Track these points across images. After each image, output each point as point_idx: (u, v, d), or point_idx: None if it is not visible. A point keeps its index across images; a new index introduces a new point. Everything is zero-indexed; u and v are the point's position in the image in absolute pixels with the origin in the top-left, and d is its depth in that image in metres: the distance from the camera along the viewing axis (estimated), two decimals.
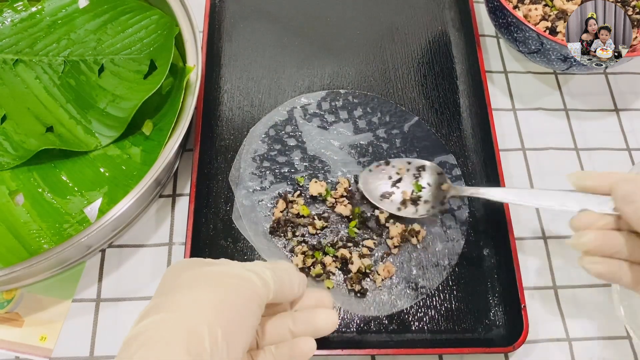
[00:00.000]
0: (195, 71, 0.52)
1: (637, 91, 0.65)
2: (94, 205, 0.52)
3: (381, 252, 0.52)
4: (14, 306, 0.49)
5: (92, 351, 0.48)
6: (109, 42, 0.59)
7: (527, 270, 0.53)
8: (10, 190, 0.53)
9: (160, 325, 0.33)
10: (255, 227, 0.52)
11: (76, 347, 0.48)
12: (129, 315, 0.49)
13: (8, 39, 0.59)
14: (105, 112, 0.55)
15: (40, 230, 0.50)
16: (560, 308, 0.52)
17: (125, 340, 0.33)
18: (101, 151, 0.54)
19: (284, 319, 0.41)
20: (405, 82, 0.62)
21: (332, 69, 0.62)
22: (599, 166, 0.60)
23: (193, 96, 0.50)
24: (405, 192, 0.53)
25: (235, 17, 0.65)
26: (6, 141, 0.54)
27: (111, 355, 0.48)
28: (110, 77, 0.57)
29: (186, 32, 0.54)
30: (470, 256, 0.52)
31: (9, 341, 0.48)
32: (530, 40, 0.56)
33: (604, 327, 0.52)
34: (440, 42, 0.64)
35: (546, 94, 0.64)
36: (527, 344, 0.49)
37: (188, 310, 0.34)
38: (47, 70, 0.58)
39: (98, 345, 0.48)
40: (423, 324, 0.50)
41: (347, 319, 0.49)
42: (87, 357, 0.48)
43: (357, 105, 0.59)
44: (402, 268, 0.51)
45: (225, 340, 0.33)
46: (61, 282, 0.50)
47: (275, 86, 0.60)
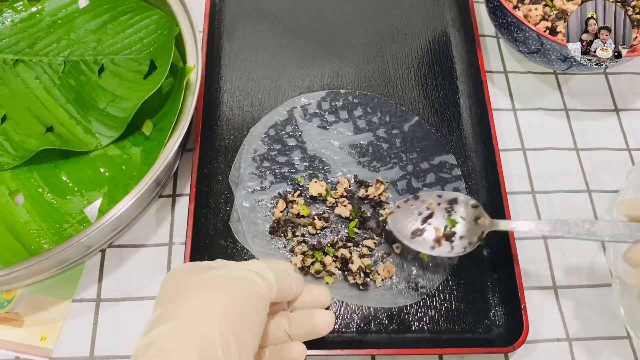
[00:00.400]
0: (195, 71, 0.52)
1: (637, 91, 0.65)
2: (94, 205, 0.52)
3: (381, 252, 0.52)
4: (14, 306, 0.49)
5: (92, 351, 0.48)
6: (109, 42, 0.59)
7: (527, 270, 0.53)
8: (10, 191, 0.52)
9: (172, 334, 0.33)
10: (255, 228, 0.52)
11: (76, 347, 0.48)
12: (129, 315, 0.49)
13: (8, 39, 0.59)
14: (105, 112, 0.55)
15: (40, 230, 0.50)
16: (560, 308, 0.52)
17: (137, 350, 0.33)
18: (101, 151, 0.54)
19: (280, 320, 0.41)
20: (405, 82, 0.62)
21: (332, 69, 0.62)
22: (599, 166, 0.60)
23: (193, 96, 0.50)
24: (437, 229, 0.50)
25: (235, 17, 0.65)
26: (6, 141, 0.54)
27: (111, 355, 0.48)
28: (110, 77, 0.57)
29: (186, 32, 0.54)
30: (470, 256, 0.52)
31: (9, 341, 0.48)
32: (530, 40, 0.56)
33: (604, 327, 0.52)
34: (440, 42, 0.64)
35: (546, 94, 0.64)
36: (527, 344, 0.49)
37: (198, 316, 0.34)
38: (47, 70, 0.58)
39: (98, 345, 0.48)
40: (423, 324, 0.50)
41: (347, 319, 0.49)
42: (87, 357, 0.48)
43: (357, 105, 0.59)
44: (402, 268, 0.51)
45: (236, 344, 0.33)
46: (61, 282, 0.50)
47: (275, 86, 0.60)
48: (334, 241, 0.52)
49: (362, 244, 0.52)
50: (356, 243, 0.52)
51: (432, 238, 0.49)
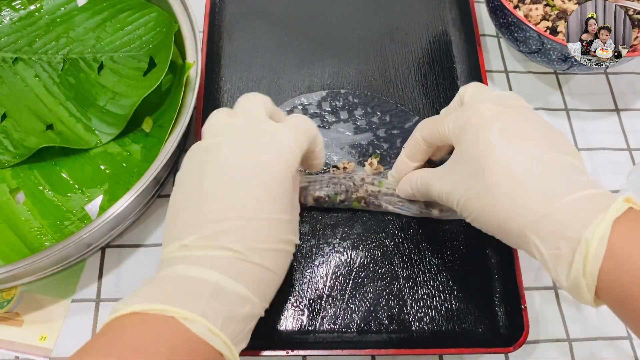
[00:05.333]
0: (194, 68, 0.52)
1: (638, 91, 0.65)
2: (94, 202, 0.52)
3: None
4: (13, 306, 0.49)
5: None
6: (108, 40, 0.59)
7: (527, 270, 0.53)
8: (11, 188, 0.52)
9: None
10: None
11: (76, 346, 0.47)
12: None
13: (7, 37, 0.59)
14: (105, 110, 0.55)
15: (42, 228, 0.50)
16: (561, 308, 0.52)
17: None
18: (101, 148, 0.54)
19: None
20: (405, 82, 0.61)
21: (332, 69, 0.62)
22: (599, 166, 0.60)
23: (193, 92, 0.50)
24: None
25: (235, 17, 0.65)
26: (6, 139, 0.54)
27: None
28: (110, 74, 0.57)
29: (185, 29, 0.54)
30: (470, 256, 0.52)
31: (9, 341, 0.48)
32: (530, 40, 0.56)
33: (604, 327, 0.52)
34: (440, 42, 0.64)
35: (547, 94, 0.64)
36: (527, 344, 0.49)
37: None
38: (47, 68, 0.58)
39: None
40: (423, 324, 0.49)
41: (347, 319, 0.49)
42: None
43: (357, 105, 0.59)
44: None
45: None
46: (61, 282, 0.50)
47: (275, 86, 0.60)
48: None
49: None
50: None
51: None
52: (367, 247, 0.52)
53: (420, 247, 0.52)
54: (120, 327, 0.33)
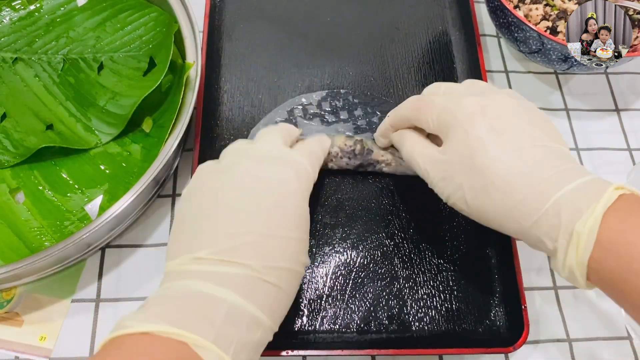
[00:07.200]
0: (194, 68, 0.52)
1: (638, 91, 0.65)
2: (94, 202, 0.52)
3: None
4: (13, 306, 0.49)
5: (92, 351, 0.48)
6: (107, 40, 0.59)
7: (527, 270, 0.53)
8: (11, 188, 0.52)
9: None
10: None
11: (76, 347, 0.48)
12: None
13: (7, 37, 0.59)
14: (105, 110, 0.55)
15: (42, 228, 0.50)
16: (561, 308, 0.53)
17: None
18: (101, 148, 0.54)
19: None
20: (405, 82, 0.61)
21: (332, 69, 0.62)
22: (599, 166, 0.60)
23: (193, 92, 0.50)
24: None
25: (235, 17, 0.64)
26: (6, 139, 0.54)
27: None
28: (110, 74, 0.57)
29: (185, 29, 0.54)
30: (470, 256, 0.52)
31: (9, 341, 0.48)
32: (531, 40, 0.56)
33: (604, 327, 0.52)
34: (440, 42, 0.64)
35: (547, 94, 0.64)
36: (527, 344, 0.49)
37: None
38: (47, 68, 0.58)
39: (98, 345, 0.48)
40: (423, 324, 0.49)
41: (347, 319, 0.49)
42: (87, 357, 0.47)
43: (357, 105, 0.59)
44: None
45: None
46: (61, 282, 0.50)
47: (275, 86, 0.60)
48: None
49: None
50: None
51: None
52: (367, 247, 0.52)
53: (420, 247, 0.52)
54: (130, 348, 0.32)
